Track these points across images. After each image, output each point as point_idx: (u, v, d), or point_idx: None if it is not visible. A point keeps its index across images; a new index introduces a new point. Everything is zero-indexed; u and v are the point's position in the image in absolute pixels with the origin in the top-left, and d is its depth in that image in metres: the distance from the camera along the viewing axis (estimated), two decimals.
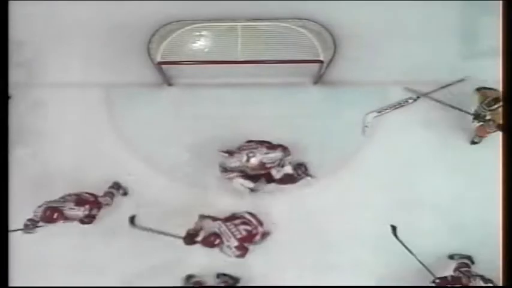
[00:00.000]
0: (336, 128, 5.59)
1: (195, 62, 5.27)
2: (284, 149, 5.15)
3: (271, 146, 5.12)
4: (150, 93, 5.73)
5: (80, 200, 4.98)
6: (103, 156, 5.56)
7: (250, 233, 5.00)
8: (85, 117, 5.67)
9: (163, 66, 5.31)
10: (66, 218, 4.90)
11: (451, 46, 5.71)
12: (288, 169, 5.26)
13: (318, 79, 5.64)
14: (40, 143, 5.59)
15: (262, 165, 5.09)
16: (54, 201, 4.95)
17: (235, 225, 4.94)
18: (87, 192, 5.10)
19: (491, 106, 4.87)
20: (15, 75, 5.57)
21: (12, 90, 5.51)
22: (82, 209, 4.95)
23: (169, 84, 5.75)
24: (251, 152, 5.06)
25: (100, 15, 5.77)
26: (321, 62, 5.20)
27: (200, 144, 5.53)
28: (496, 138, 4.90)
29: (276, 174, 5.23)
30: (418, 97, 5.58)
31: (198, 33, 5.33)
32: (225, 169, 5.23)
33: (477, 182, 5.38)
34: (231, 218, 5.04)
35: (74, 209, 4.92)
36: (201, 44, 5.36)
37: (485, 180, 5.23)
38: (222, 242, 4.87)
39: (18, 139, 5.54)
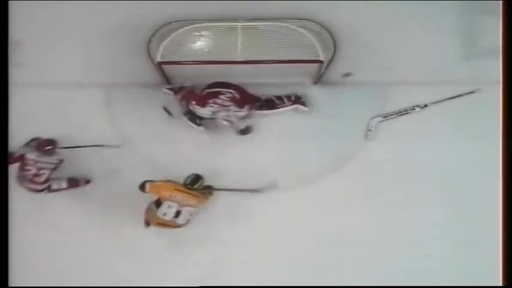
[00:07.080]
0: (336, 128, 5.59)
1: (195, 62, 5.26)
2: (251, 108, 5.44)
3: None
4: (150, 93, 5.73)
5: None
6: (103, 156, 5.55)
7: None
8: (85, 117, 5.67)
9: (163, 66, 5.31)
10: None
11: (451, 46, 5.71)
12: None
13: (318, 79, 5.64)
14: None
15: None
16: None
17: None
18: None
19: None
20: (15, 75, 5.56)
21: (12, 90, 5.51)
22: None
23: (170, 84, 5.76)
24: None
25: (100, 15, 5.77)
26: (321, 62, 5.20)
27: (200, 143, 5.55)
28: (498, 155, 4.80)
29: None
30: (426, 105, 5.58)
31: (198, 33, 5.32)
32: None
33: (477, 186, 5.40)
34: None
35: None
36: (201, 44, 5.34)
37: (486, 185, 5.22)
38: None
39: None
